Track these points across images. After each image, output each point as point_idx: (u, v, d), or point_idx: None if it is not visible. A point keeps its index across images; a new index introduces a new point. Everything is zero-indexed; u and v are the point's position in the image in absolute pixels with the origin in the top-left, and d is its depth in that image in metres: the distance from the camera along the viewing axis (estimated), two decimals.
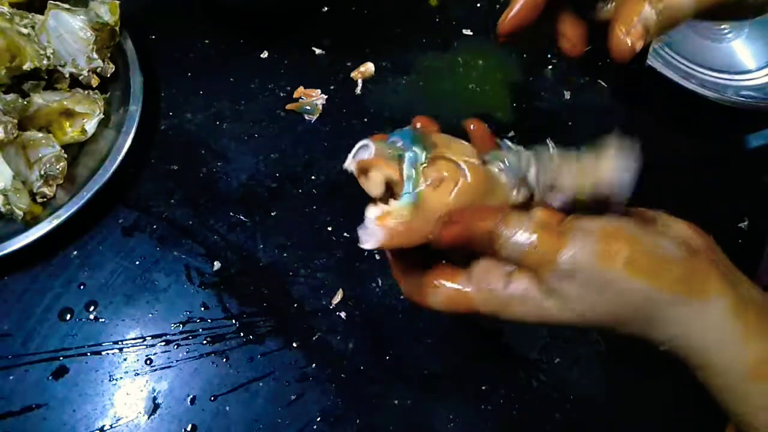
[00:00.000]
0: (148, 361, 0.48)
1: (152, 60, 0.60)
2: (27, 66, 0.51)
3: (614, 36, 0.35)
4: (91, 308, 0.49)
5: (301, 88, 0.61)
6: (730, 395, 0.31)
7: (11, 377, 0.46)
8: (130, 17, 0.57)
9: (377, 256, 0.54)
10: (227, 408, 0.47)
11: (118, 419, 0.46)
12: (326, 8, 0.66)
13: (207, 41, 0.63)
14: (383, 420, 0.48)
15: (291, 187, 0.56)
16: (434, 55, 0.65)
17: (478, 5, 0.69)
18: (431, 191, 0.32)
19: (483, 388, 0.50)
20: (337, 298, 0.51)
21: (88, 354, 0.47)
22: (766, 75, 0.68)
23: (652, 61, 0.61)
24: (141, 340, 0.48)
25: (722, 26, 0.70)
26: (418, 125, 0.37)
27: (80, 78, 0.54)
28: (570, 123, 0.64)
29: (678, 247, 0.33)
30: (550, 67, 0.67)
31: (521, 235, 0.30)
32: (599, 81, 0.65)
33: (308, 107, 0.60)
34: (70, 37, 0.53)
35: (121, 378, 0.47)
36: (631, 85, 0.66)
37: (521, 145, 0.35)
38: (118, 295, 0.50)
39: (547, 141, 0.35)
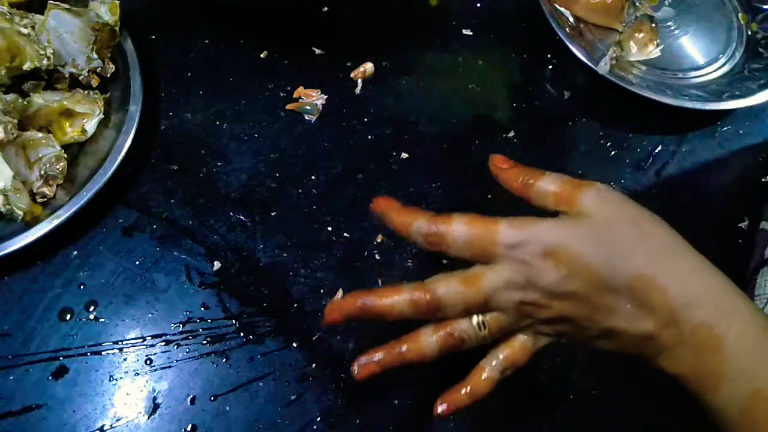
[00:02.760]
0: (148, 361, 0.48)
1: (152, 60, 0.60)
2: (27, 66, 0.51)
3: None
4: (91, 308, 0.49)
5: (301, 88, 0.61)
6: None
7: (11, 377, 0.46)
8: (130, 17, 0.57)
9: (377, 256, 0.54)
10: (227, 408, 0.47)
11: (118, 419, 0.46)
12: (326, 8, 0.66)
13: (207, 41, 0.63)
14: (383, 420, 0.48)
15: (291, 187, 0.56)
16: (434, 55, 0.65)
17: (478, 5, 0.69)
18: None
19: None
20: (337, 298, 0.51)
21: (88, 354, 0.47)
22: (714, 70, 0.68)
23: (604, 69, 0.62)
24: (141, 340, 0.48)
25: (668, 24, 0.70)
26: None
27: (80, 78, 0.54)
28: (570, 123, 0.64)
29: None
30: (550, 67, 0.67)
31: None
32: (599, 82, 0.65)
33: (308, 107, 0.60)
34: (70, 37, 0.53)
35: (121, 378, 0.47)
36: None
37: None
38: (118, 295, 0.50)
39: None
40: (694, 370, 0.33)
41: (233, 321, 0.50)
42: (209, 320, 0.50)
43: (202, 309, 0.50)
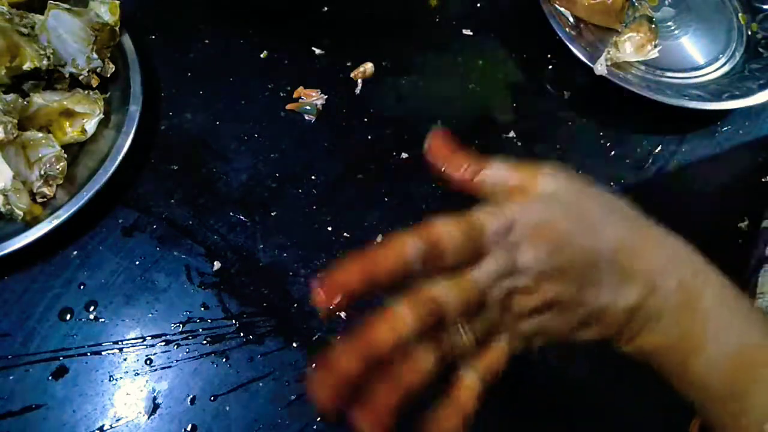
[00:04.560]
0: (148, 361, 0.48)
1: (152, 60, 0.60)
2: (27, 66, 0.51)
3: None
4: (91, 308, 0.49)
5: (301, 88, 0.61)
6: None
7: (11, 377, 0.46)
8: (130, 17, 0.57)
9: None
10: (227, 408, 0.47)
11: (118, 419, 0.46)
12: (326, 8, 0.66)
13: (207, 41, 0.63)
14: None
15: (291, 187, 0.56)
16: (434, 55, 0.65)
17: (478, 5, 0.69)
18: None
19: None
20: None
21: (88, 354, 0.47)
22: (714, 70, 0.68)
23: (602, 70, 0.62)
24: (141, 340, 0.48)
25: (668, 23, 0.70)
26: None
27: (80, 78, 0.54)
28: (570, 123, 0.64)
29: None
30: (550, 67, 0.67)
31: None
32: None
33: (308, 107, 0.60)
34: (70, 37, 0.53)
35: (121, 378, 0.47)
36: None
37: None
38: (118, 295, 0.50)
39: None
40: (678, 337, 0.33)
41: (233, 321, 0.50)
42: (209, 320, 0.50)
43: (202, 309, 0.50)
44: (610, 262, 0.33)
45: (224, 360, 0.48)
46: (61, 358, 0.47)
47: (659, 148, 0.64)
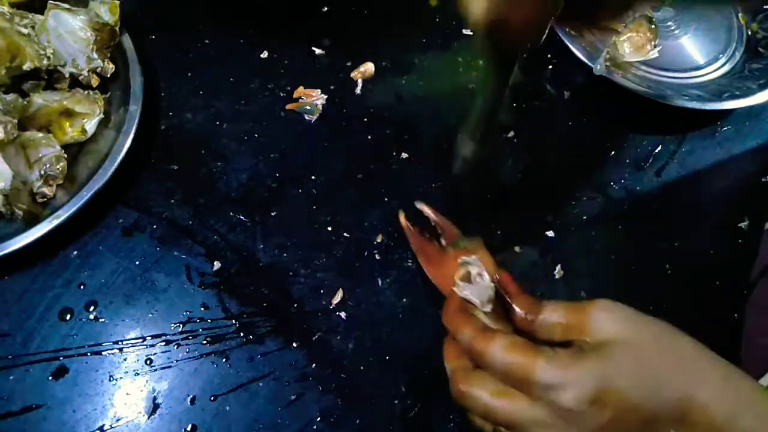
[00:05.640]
0: (148, 361, 0.48)
1: (152, 60, 0.60)
2: (27, 66, 0.51)
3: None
4: (91, 308, 0.49)
5: (301, 88, 0.61)
6: None
7: (11, 377, 0.46)
8: (130, 17, 0.57)
9: (377, 256, 0.54)
10: (227, 408, 0.47)
11: (118, 419, 0.46)
12: (326, 8, 0.66)
13: (207, 41, 0.63)
14: (383, 420, 0.48)
15: (291, 187, 0.56)
16: (434, 55, 0.65)
17: None
18: None
19: None
20: (337, 298, 0.51)
21: (88, 354, 0.47)
22: (714, 70, 0.68)
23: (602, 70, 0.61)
24: (141, 340, 0.48)
25: (668, 23, 0.70)
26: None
27: (80, 78, 0.54)
28: (570, 123, 0.64)
29: None
30: (550, 67, 0.67)
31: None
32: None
33: (308, 107, 0.60)
34: (70, 37, 0.53)
35: (121, 378, 0.47)
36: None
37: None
38: (118, 295, 0.50)
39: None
40: None
41: (233, 321, 0.50)
42: (209, 320, 0.50)
43: (202, 309, 0.50)
44: (670, 416, 0.32)
45: (224, 360, 0.48)
46: (61, 358, 0.47)
47: (659, 148, 0.64)
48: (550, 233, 0.57)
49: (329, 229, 0.55)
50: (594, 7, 0.34)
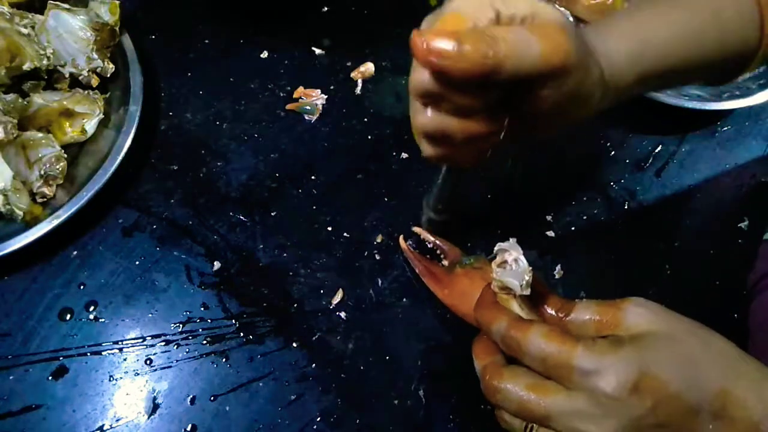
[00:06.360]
0: (148, 361, 0.48)
1: (152, 60, 0.60)
2: (27, 66, 0.51)
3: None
4: (91, 308, 0.49)
5: (301, 88, 0.61)
6: None
7: (11, 377, 0.46)
8: (130, 17, 0.58)
9: (377, 256, 0.54)
10: (227, 408, 0.47)
11: (118, 419, 0.46)
12: (326, 8, 0.66)
13: (207, 41, 0.63)
14: (383, 420, 0.48)
15: (291, 187, 0.56)
16: None
17: None
18: None
19: None
20: (337, 298, 0.51)
21: (88, 354, 0.47)
22: None
23: None
24: (141, 340, 0.48)
25: None
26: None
27: (80, 78, 0.54)
28: None
29: None
30: None
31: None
32: None
33: (308, 107, 0.60)
34: (70, 37, 0.53)
35: (121, 378, 0.47)
36: None
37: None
38: (118, 295, 0.50)
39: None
40: None
41: (233, 321, 0.50)
42: (209, 320, 0.50)
43: (202, 309, 0.50)
44: (709, 408, 0.32)
45: (224, 360, 0.48)
46: (61, 358, 0.47)
47: (659, 148, 0.64)
48: (550, 233, 0.57)
49: (329, 229, 0.55)
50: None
